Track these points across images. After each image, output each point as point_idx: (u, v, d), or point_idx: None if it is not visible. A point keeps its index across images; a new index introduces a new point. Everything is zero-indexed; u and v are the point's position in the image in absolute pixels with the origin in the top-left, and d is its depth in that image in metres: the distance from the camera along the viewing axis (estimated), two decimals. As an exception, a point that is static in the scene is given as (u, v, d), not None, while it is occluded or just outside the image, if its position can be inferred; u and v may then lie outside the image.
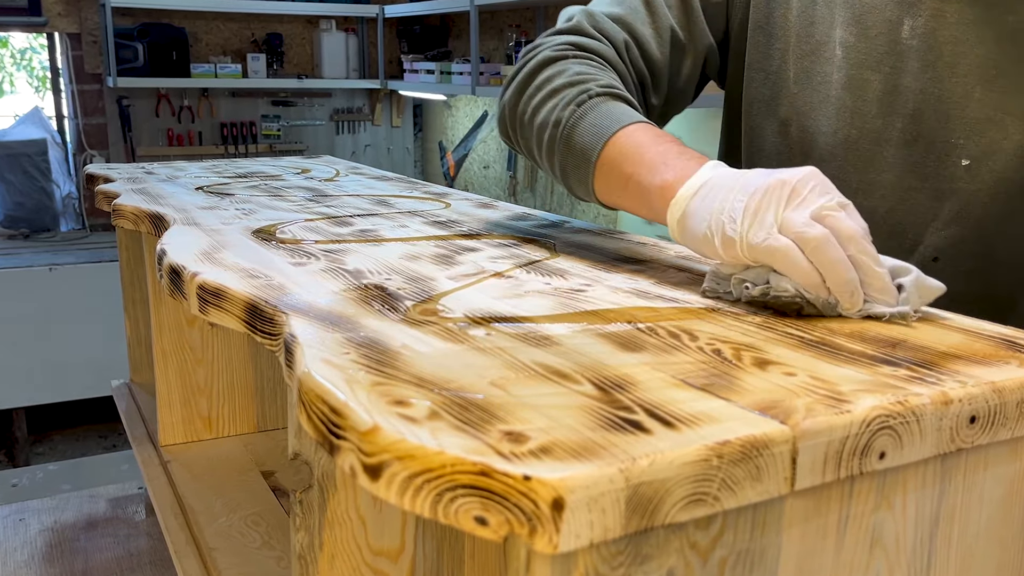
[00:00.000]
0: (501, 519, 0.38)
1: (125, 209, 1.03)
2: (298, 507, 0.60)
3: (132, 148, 4.03)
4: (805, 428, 0.43)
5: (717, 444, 0.41)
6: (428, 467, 0.39)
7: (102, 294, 3.28)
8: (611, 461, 0.38)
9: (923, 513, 0.50)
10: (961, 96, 0.79)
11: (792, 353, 0.54)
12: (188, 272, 0.71)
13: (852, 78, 0.83)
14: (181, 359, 1.18)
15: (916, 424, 0.47)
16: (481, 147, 4.11)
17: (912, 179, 0.82)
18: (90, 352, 3.32)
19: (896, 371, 0.51)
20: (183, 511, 1.01)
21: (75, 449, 3.63)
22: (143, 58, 3.84)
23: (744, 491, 0.42)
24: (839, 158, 0.84)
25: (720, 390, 0.47)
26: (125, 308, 1.44)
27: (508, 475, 0.37)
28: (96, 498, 1.45)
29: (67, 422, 3.68)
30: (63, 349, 3.35)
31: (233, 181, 1.30)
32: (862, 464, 0.45)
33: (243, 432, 1.23)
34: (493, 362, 0.51)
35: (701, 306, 0.64)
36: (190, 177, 1.33)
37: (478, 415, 0.43)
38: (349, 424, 0.42)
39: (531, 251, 0.83)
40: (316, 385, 0.46)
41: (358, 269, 0.74)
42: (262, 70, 4.09)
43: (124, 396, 1.41)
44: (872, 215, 0.78)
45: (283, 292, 0.65)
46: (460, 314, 0.61)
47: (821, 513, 0.46)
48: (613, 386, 0.47)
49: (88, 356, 3.33)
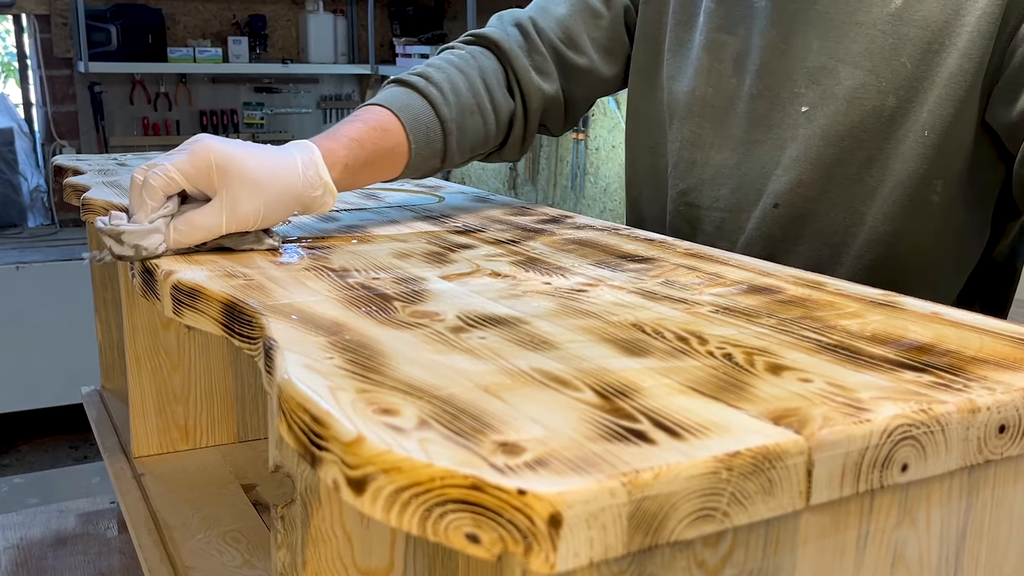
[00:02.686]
0: (494, 536, 0.38)
1: (95, 204, 1.03)
2: (280, 523, 0.60)
3: (104, 138, 4.03)
4: (822, 438, 0.43)
5: (727, 456, 0.41)
6: (416, 480, 0.39)
7: (72, 294, 3.28)
8: (612, 474, 0.38)
9: (948, 529, 0.50)
10: (802, 48, 0.92)
11: (808, 358, 0.54)
12: (162, 271, 0.71)
13: (711, 41, 0.97)
14: (156, 364, 1.18)
15: (941, 434, 0.47)
16: (479, 137, 4.10)
17: (758, 132, 0.95)
18: (59, 357, 3.32)
19: (919, 377, 0.51)
20: (158, 527, 1.01)
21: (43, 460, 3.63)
22: (116, 41, 3.84)
23: (756, 506, 0.42)
24: (697, 115, 0.99)
25: (731, 398, 0.47)
26: (96, 309, 1.44)
27: (502, 489, 0.37)
28: (65, 513, 1.45)
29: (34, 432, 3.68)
30: (30, 353, 3.35)
31: (211, 173, 1.30)
32: (883, 477, 0.45)
33: (222, 442, 1.23)
34: (487, 367, 0.51)
35: (711, 308, 0.64)
36: (165, 169, 1.33)
37: (470, 425, 0.43)
38: (332, 434, 0.42)
39: (531, 248, 0.83)
40: (297, 392, 0.46)
41: (344, 268, 0.74)
42: (244, 54, 4.10)
43: (95, 404, 1.41)
44: (724, 168, 0.96)
45: (263, 292, 0.65)
46: (452, 316, 0.61)
47: (839, 529, 0.46)
48: (616, 393, 0.47)
49: (57, 361, 3.33)
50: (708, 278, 0.73)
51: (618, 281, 0.71)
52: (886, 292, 0.69)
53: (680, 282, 0.72)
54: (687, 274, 0.74)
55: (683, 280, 0.72)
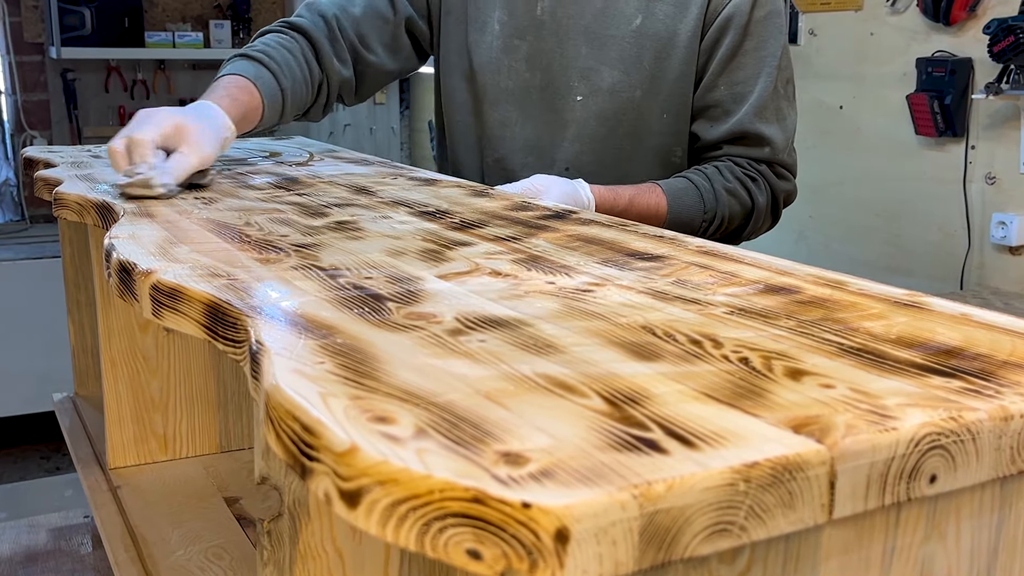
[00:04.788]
0: (497, 552, 0.37)
1: (68, 198, 1.03)
2: (266, 538, 0.60)
3: (78, 128, 4.03)
4: (845, 448, 0.43)
5: (744, 466, 0.41)
6: (414, 493, 0.39)
7: (43, 295, 3.28)
8: (623, 486, 0.38)
9: (979, 545, 0.50)
10: (574, 54, 1.35)
11: (830, 362, 0.54)
12: (140, 270, 0.71)
13: (507, 44, 1.38)
14: (133, 369, 1.18)
15: (971, 443, 0.47)
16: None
17: (548, 114, 1.37)
18: (29, 361, 3.32)
19: (948, 382, 0.51)
20: (135, 543, 1.01)
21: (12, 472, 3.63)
22: (91, 25, 3.83)
23: (775, 520, 0.42)
24: (504, 102, 1.39)
25: (748, 405, 0.47)
26: (69, 311, 1.44)
27: (505, 502, 0.37)
28: (36, 528, 1.44)
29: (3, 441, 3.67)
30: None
31: (192, 166, 1.30)
32: (910, 489, 0.45)
33: (204, 453, 1.23)
34: (488, 373, 0.51)
35: (726, 309, 0.64)
36: (143, 161, 1.33)
37: (471, 433, 0.43)
38: (323, 444, 0.42)
39: (533, 245, 0.83)
40: (286, 399, 0.46)
41: (334, 266, 0.74)
42: (227, 39, 4.09)
43: (68, 411, 1.41)
44: (528, 141, 1.39)
45: (249, 293, 0.65)
46: (450, 318, 0.61)
47: (863, 545, 0.46)
48: (625, 400, 0.47)
49: (27, 366, 3.32)
50: (722, 277, 0.73)
51: (626, 280, 0.71)
52: (911, 292, 0.69)
53: (692, 281, 0.72)
54: (699, 273, 0.74)
55: (695, 279, 0.72)
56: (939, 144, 2.45)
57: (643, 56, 1.32)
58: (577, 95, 1.34)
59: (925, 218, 2.50)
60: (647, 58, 1.32)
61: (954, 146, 2.42)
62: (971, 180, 2.38)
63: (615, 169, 1.35)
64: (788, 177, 1.38)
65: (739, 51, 1.32)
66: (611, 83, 1.33)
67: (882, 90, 2.59)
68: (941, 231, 2.46)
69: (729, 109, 1.33)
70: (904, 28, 2.52)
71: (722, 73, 1.32)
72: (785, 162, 1.37)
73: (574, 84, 1.34)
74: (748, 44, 1.32)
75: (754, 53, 1.32)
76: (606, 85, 1.33)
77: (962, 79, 2.35)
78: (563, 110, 1.36)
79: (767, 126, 1.33)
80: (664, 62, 1.32)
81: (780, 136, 1.34)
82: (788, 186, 1.38)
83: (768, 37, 1.33)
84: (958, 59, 2.36)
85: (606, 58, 1.33)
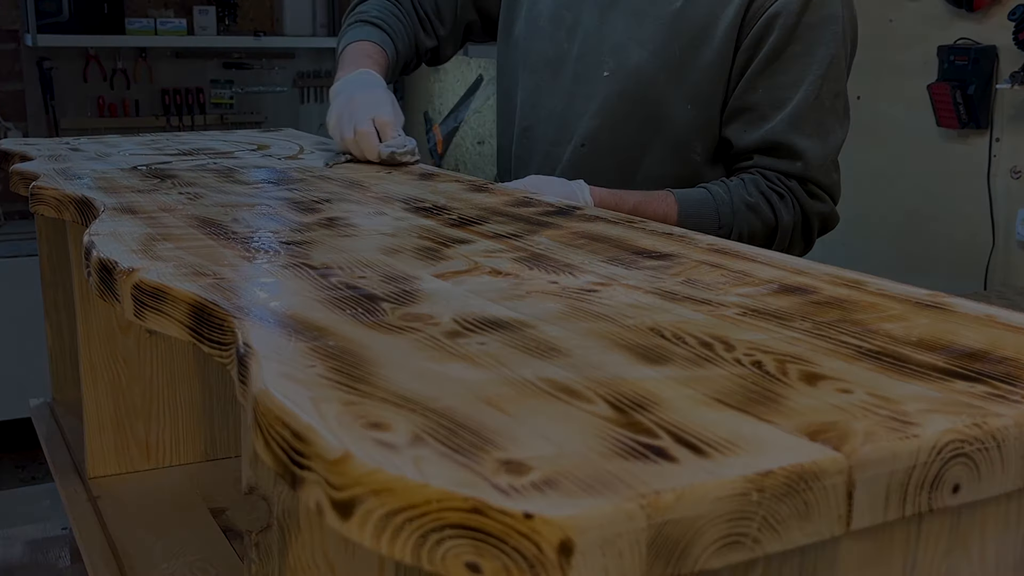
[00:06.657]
0: (498, 565, 0.38)
1: (46, 193, 1.03)
2: (254, 551, 0.60)
3: (55, 120, 4.03)
4: (863, 456, 0.43)
5: (757, 475, 0.41)
6: (410, 503, 0.39)
7: (19, 296, 3.28)
8: (630, 495, 0.38)
9: (1005, 558, 0.50)
10: (611, 28, 1.37)
11: (847, 365, 0.54)
12: (121, 268, 0.71)
13: (555, 14, 1.43)
14: (113, 373, 1.18)
15: (997, 451, 0.47)
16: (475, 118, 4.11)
17: (575, 86, 1.40)
18: (4, 365, 3.32)
19: (972, 387, 0.51)
20: (116, 556, 1.01)
21: (-14, 482, 3.63)
22: (68, 11, 3.84)
23: (790, 532, 0.42)
24: (540, 71, 1.44)
25: (761, 410, 0.47)
26: (46, 312, 1.44)
27: (506, 513, 0.37)
28: (11, 540, 1.44)
29: (-23, 449, 3.67)
30: (-28, 361, 3.35)
31: (176, 159, 1.30)
32: (932, 499, 0.45)
33: (188, 461, 1.23)
34: (488, 377, 0.51)
35: (738, 310, 0.64)
36: (124, 154, 1.33)
37: (470, 440, 0.43)
38: (315, 451, 0.42)
39: (535, 242, 0.83)
40: (275, 405, 0.46)
41: (326, 265, 0.74)
42: (211, 26, 4.09)
43: (45, 418, 1.41)
44: (553, 112, 1.42)
45: (236, 293, 0.65)
46: (448, 319, 0.61)
47: (883, 558, 0.46)
48: (632, 405, 0.47)
49: (2, 370, 3.33)
50: (734, 276, 0.73)
51: (633, 280, 0.71)
52: (933, 292, 0.69)
53: (703, 281, 0.72)
54: (710, 272, 0.74)
55: (706, 279, 0.72)
56: (962, 136, 2.46)
57: (675, 40, 1.32)
58: (605, 70, 1.36)
59: (947, 214, 2.50)
60: (679, 43, 1.31)
61: (977, 138, 2.42)
62: (995, 174, 2.38)
63: (629, 154, 1.37)
64: (823, 197, 1.33)
65: (783, 54, 1.28)
66: (636, 62, 1.34)
67: (901, 79, 2.59)
68: (964, 228, 2.46)
69: (765, 114, 1.30)
70: (925, 14, 2.52)
71: (762, 74, 1.29)
72: (820, 180, 1.32)
73: (604, 59, 1.36)
74: (794, 48, 1.28)
75: (800, 58, 1.29)
76: (632, 63, 1.34)
77: (986, 68, 2.35)
78: (590, 82, 1.38)
79: (802, 139, 1.29)
80: (697, 50, 1.31)
81: (817, 152, 1.30)
82: (823, 208, 1.33)
83: (818, 43, 1.29)
84: (982, 47, 2.36)
85: (639, 36, 1.34)
